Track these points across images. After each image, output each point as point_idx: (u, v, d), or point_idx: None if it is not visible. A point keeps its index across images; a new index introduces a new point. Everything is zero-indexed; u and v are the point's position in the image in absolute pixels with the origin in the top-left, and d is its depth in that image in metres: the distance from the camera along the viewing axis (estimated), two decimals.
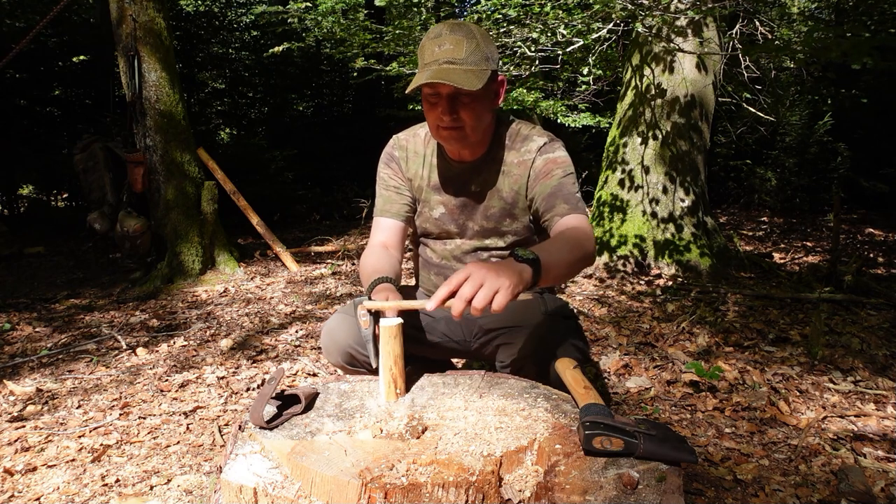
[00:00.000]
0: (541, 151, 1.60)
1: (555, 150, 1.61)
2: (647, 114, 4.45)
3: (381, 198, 1.73)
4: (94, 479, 1.86)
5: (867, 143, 7.88)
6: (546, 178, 1.58)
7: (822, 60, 5.07)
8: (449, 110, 1.47)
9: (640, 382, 2.50)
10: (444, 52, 1.44)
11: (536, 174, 1.59)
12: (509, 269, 1.12)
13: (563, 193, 1.56)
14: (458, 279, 1.10)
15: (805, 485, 1.75)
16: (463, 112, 1.47)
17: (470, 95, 1.46)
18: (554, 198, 1.56)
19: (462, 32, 1.46)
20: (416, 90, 1.47)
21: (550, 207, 1.56)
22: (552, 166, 1.59)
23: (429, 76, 1.41)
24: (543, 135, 1.63)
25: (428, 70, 1.44)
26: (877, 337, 2.97)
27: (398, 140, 1.74)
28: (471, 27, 1.48)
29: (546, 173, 1.59)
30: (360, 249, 5.75)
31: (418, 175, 1.70)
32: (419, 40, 4.46)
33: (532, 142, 1.62)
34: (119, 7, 4.38)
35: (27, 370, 2.87)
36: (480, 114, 1.50)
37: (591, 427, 1.03)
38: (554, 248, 1.33)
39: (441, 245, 1.74)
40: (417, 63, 1.53)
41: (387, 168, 1.73)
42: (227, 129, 10.82)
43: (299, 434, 1.11)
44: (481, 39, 1.47)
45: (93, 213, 4.60)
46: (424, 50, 1.48)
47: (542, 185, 1.58)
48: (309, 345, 3.14)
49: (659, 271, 4.25)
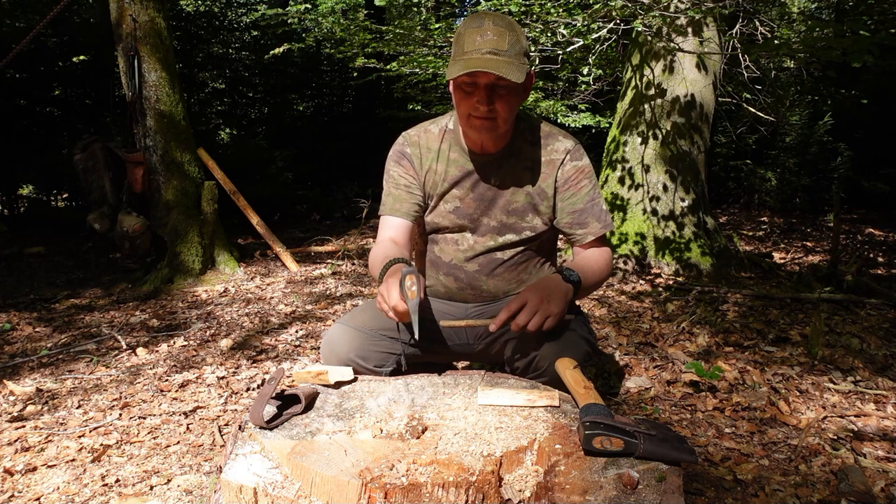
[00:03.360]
0: (570, 156, 1.64)
1: (582, 156, 1.66)
2: (648, 113, 4.46)
3: (389, 196, 1.70)
4: (94, 479, 1.86)
5: (867, 143, 7.88)
6: (576, 189, 1.64)
7: (822, 60, 5.07)
8: (486, 100, 1.47)
9: (640, 382, 2.50)
10: (486, 42, 1.43)
11: (566, 180, 1.64)
12: (558, 295, 1.39)
13: (594, 211, 1.66)
14: (516, 305, 1.37)
15: (805, 485, 1.75)
16: (498, 103, 1.48)
17: (507, 87, 1.46)
18: (586, 214, 1.64)
19: (504, 24, 1.45)
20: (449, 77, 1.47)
21: (583, 224, 1.65)
22: (581, 177, 1.64)
23: (474, 64, 1.40)
24: (568, 136, 1.67)
25: (469, 58, 1.43)
26: (877, 337, 2.97)
27: (409, 137, 1.71)
28: (511, 20, 1.48)
29: (575, 183, 1.64)
30: (360, 249, 5.75)
31: (433, 170, 1.67)
32: (419, 40, 4.46)
33: (559, 142, 1.65)
34: (119, 7, 4.37)
35: (27, 370, 2.87)
36: (514, 106, 1.52)
37: (591, 427, 1.03)
38: (590, 272, 1.56)
39: (453, 246, 1.71)
40: (453, 51, 1.51)
41: (398, 166, 1.69)
42: (227, 129, 10.81)
43: (299, 434, 1.11)
44: (520, 34, 1.48)
45: (93, 213, 4.59)
46: (464, 38, 1.46)
47: (571, 195, 1.64)
48: (309, 345, 3.14)
49: (659, 270, 4.25)
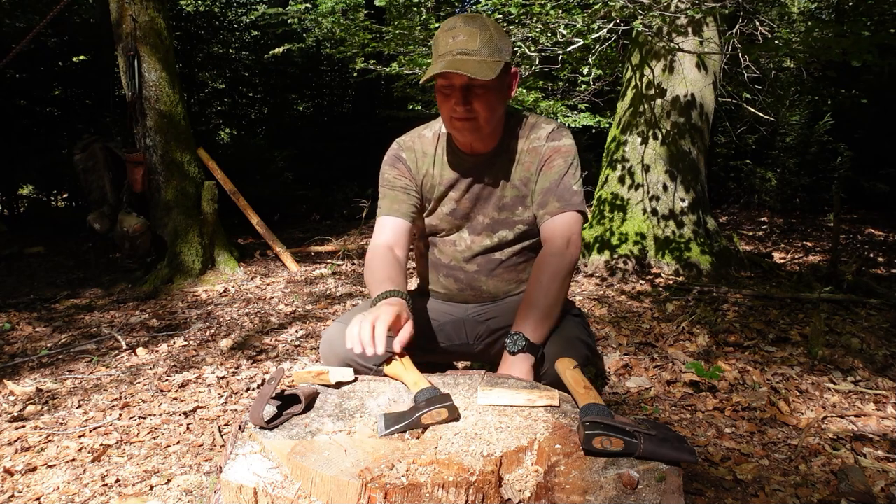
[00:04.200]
0: (549, 138, 1.62)
1: (561, 137, 1.62)
2: (648, 113, 4.46)
3: (386, 198, 1.69)
4: (94, 479, 1.86)
5: (867, 143, 7.88)
6: (548, 169, 1.61)
7: (822, 60, 5.07)
8: (462, 101, 1.47)
9: (640, 382, 2.50)
10: (457, 44, 1.45)
11: (543, 161, 1.61)
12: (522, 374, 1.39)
13: (558, 189, 1.58)
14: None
15: (805, 485, 1.75)
16: (476, 103, 1.47)
17: (483, 87, 1.46)
18: (549, 193, 1.59)
19: (476, 24, 1.47)
20: (431, 80, 1.48)
21: (544, 203, 1.60)
22: (554, 155, 1.60)
23: (442, 66, 1.42)
24: (551, 122, 1.65)
25: (442, 61, 1.45)
26: (877, 337, 2.97)
27: (403, 143, 1.71)
28: (485, 20, 1.49)
29: (548, 161, 1.61)
30: (360, 249, 5.75)
31: (430, 174, 1.67)
32: (419, 40, 4.46)
33: (541, 129, 1.63)
34: (119, 7, 4.37)
35: (27, 370, 2.87)
36: (494, 105, 1.51)
37: (591, 427, 1.03)
38: (538, 308, 1.48)
39: (451, 247, 1.72)
40: (432, 56, 1.53)
41: (393, 169, 1.69)
42: (227, 129, 10.81)
43: (299, 434, 1.11)
44: (494, 31, 1.48)
45: (93, 213, 4.60)
46: (438, 41, 1.49)
47: (543, 175, 1.61)
48: (309, 345, 3.14)
49: (659, 270, 4.25)
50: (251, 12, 9.51)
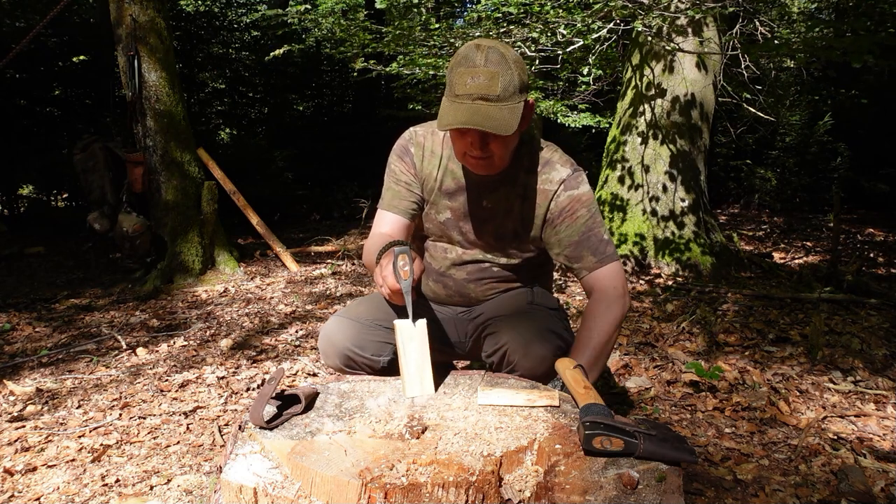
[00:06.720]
0: (565, 185, 1.55)
1: (579, 184, 1.56)
2: (647, 113, 4.46)
3: (389, 191, 1.67)
4: (94, 479, 1.86)
5: (867, 143, 7.88)
6: (571, 220, 1.55)
7: (822, 60, 5.07)
8: (480, 146, 1.42)
9: (640, 382, 2.50)
10: (477, 87, 1.35)
11: (560, 211, 1.55)
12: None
13: (590, 243, 1.55)
14: None
15: (805, 485, 1.75)
16: (493, 144, 1.42)
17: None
18: (581, 247, 1.55)
19: (496, 63, 1.36)
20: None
21: (578, 258, 1.56)
22: (577, 206, 1.55)
23: (463, 120, 1.34)
24: (566, 163, 1.59)
25: (460, 106, 1.36)
26: (877, 337, 2.97)
27: (415, 135, 1.66)
28: (504, 53, 1.38)
29: (571, 213, 1.55)
30: (360, 249, 5.75)
31: (432, 176, 1.64)
32: (419, 40, 4.46)
33: (555, 171, 1.56)
34: (119, 7, 4.37)
35: (27, 370, 2.87)
36: (510, 145, 1.47)
37: (591, 427, 1.03)
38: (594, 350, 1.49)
39: (442, 254, 1.71)
40: (446, 84, 1.43)
41: (400, 162, 1.66)
42: (227, 129, 10.80)
43: (299, 434, 1.11)
44: (514, 66, 1.38)
45: (93, 213, 4.59)
46: (455, 78, 1.38)
47: (567, 227, 1.55)
48: (309, 345, 3.14)
49: (659, 270, 4.25)
50: (251, 13, 9.51)
